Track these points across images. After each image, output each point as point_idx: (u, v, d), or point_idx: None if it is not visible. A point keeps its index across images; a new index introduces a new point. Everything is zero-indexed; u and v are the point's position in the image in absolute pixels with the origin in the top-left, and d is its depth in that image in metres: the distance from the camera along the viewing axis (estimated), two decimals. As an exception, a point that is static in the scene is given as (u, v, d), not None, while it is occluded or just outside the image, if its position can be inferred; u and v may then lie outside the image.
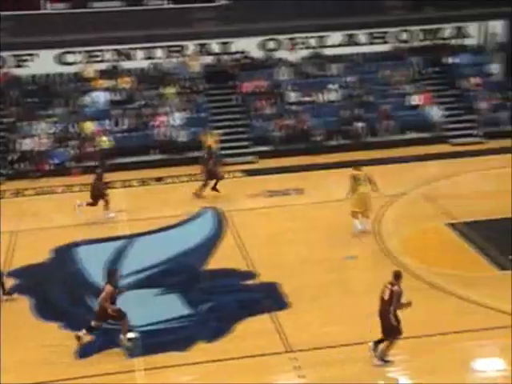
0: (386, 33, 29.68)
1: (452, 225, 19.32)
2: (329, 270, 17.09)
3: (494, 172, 23.32)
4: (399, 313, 13.10)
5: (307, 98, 27.54)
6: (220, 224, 20.13)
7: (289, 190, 22.35)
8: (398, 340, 13.20)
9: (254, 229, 19.78)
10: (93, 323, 14.11)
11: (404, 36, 29.79)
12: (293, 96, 27.54)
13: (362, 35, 29.48)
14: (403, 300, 13.06)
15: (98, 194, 20.45)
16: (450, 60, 29.10)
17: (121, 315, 13.95)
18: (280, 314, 15.24)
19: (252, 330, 14.57)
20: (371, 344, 13.34)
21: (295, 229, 19.62)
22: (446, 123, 26.93)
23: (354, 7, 29.16)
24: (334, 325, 14.63)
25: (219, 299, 15.86)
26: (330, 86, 27.78)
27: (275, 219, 20.53)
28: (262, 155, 25.63)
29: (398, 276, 13.21)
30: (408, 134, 26.64)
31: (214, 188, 21.96)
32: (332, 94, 27.60)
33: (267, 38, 29.16)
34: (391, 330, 13.12)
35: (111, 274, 14.28)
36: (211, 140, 25.06)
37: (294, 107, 27.14)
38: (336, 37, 29.39)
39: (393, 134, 26.49)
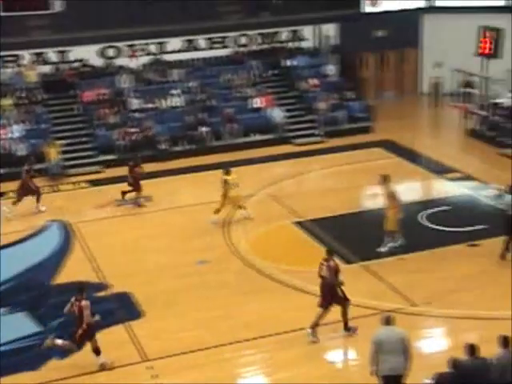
0: (225, 37, 30.02)
1: (299, 223, 19.83)
2: (181, 275, 17.08)
3: (336, 169, 24.16)
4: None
5: (150, 105, 27.37)
6: (67, 236, 19.62)
7: (137, 198, 22.10)
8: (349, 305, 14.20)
9: (103, 239, 19.44)
10: (93, 347, 13.47)
11: (243, 40, 30.26)
12: (136, 103, 27.28)
13: (201, 40, 29.66)
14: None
15: (27, 191, 21.14)
16: (288, 63, 29.82)
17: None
18: (134, 323, 15.09)
19: (106, 343, 14.26)
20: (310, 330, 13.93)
21: (146, 236, 19.47)
22: (288, 124, 27.58)
23: (192, 13, 29.30)
24: (188, 330, 14.64)
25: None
26: (173, 91, 27.76)
27: (125, 228, 20.26)
28: (108, 164, 25.22)
29: (330, 252, 14.23)
30: (252, 137, 27.07)
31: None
32: (175, 100, 27.59)
33: (106, 45, 28.73)
34: (341, 299, 14.07)
35: (83, 288, 13.60)
36: (54, 151, 24.40)
37: (137, 114, 26.89)
38: (176, 42, 29.39)
39: (237, 137, 26.83)
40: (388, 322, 11.58)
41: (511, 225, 16.98)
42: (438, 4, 30.93)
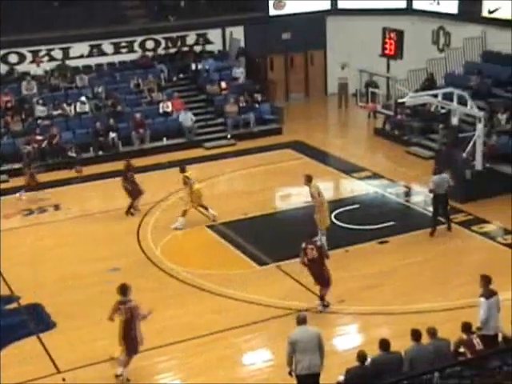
0: (132, 42, 29.71)
1: (212, 227, 19.80)
2: (92, 284, 16.79)
3: (247, 172, 24.24)
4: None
5: (57, 112, 26.82)
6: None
7: (45, 207, 21.64)
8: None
9: (11, 250, 18.87)
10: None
11: (150, 44, 30.02)
12: (41, 110, 26.65)
13: (108, 45, 29.25)
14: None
15: None
16: (197, 66, 29.76)
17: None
18: (46, 335, 14.75)
19: (18, 356, 13.97)
20: (319, 303, 15.04)
21: (56, 246, 19.08)
22: (198, 128, 27.51)
23: (97, 17, 28.87)
24: (102, 339, 14.34)
25: (-21, 328, 15.02)
26: (80, 97, 27.25)
27: (34, 238, 19.79)
28: (13, 173, 24.53)
29: (313, 235, 15.57)
30: (163, 141, 26.87)
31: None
32: (82, 106, 27.09)
33: (9, 51, 27.98)
34: (327, 280, 14.94)
35: (125, 289, 13.17)
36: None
37: (43, 122, 26.29)
38: (82, 47, 28.89)
39: (147, 142, 26.59)
40: (302, 321, 11.69)
41: (443, 202, 18.27)
42: (341, 6, 31.45)
